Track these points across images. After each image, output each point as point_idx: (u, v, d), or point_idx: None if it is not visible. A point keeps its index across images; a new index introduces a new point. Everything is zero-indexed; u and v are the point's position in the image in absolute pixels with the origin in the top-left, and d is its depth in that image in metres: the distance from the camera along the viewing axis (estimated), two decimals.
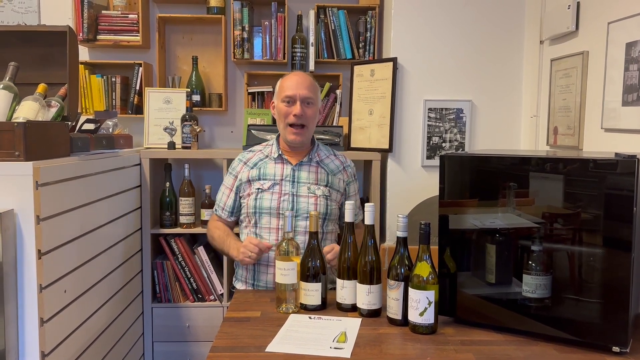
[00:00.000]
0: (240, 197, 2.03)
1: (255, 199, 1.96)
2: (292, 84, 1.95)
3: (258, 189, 1.97)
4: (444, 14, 2.64)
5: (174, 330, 2.66)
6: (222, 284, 2.66)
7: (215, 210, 2.11)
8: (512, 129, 2.71)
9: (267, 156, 2.03)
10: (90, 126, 2.18)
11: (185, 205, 2.67)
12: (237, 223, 2.10)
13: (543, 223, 1.39)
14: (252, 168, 2.02)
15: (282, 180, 1.97)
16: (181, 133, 2.75)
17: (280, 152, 2.01)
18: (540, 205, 1.39)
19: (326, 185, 2.00)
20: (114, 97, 2.93)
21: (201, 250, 2.67)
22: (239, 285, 2.02)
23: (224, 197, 2.07)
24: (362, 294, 1.54)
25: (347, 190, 2.07)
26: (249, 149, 2.12)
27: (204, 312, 2.66)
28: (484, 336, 1.43)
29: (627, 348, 1.29)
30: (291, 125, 1.95)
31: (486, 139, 2.69)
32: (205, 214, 2.64)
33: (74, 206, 1.80)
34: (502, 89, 2.69)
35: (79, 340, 1.85)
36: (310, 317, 1.54)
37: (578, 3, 2.17)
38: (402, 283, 1.46)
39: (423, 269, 1.42)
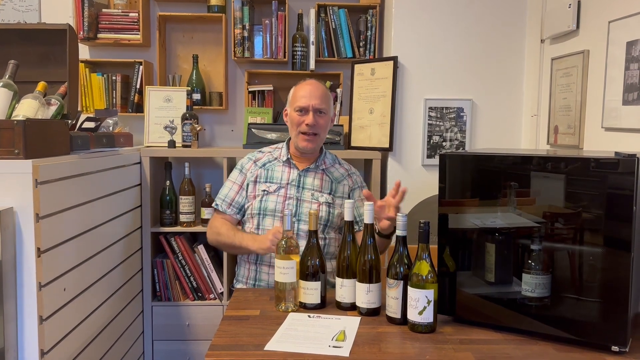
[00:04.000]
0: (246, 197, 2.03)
1: (261, 201, 1.97)
2: (305, 93, 1.97)
3: (264, 190, 1.98)
4: (444, 13, 2.64)
5: (173, 328, 2.66)
6: (222, 282, 2.65)
7: (218, 205, 2.04)
8: (513, 128, 2.71)
9: (275, 158, 2.05)
10: (91, 124, 2.18)
11: (185, 203, 2.67)
12: (239, 223, 2.09)
13: (544, 222, 1.38)
14: (260, 168, 2.04)
15: (287, 184, 1.99)
16: (181, 131, 2.75)
17: (289, 156, 2.03)
18: (541, 205, 1.39)
19: (329, 193, 2.01)
20: (114, 95, 2.93)
21: (201, 248, 2.67)
22: (240, 287, 2.02)
23: (232, 193, 2.04)
24: (362, 293, 1.54)
25: (352, 196, 2.06)
26: (259, 150, 2.14)
27: (204, 310, 2.66)
28: (483, 335, 1.43)
29: (627, 347, 1.29)
30: (303, 132, 1.96)
31: (487, 138, 2.69)
32: (205, 212, 2.64)
33: (73, 204, 1.80)
34: (502, 88, 2.69)
35: (78, 339, 1.85)
36: (309, 316, 1.54)
37: (579, 2, 2.17)
38: (402, 282, 1.46)
39: (422, 268, 1.42)
